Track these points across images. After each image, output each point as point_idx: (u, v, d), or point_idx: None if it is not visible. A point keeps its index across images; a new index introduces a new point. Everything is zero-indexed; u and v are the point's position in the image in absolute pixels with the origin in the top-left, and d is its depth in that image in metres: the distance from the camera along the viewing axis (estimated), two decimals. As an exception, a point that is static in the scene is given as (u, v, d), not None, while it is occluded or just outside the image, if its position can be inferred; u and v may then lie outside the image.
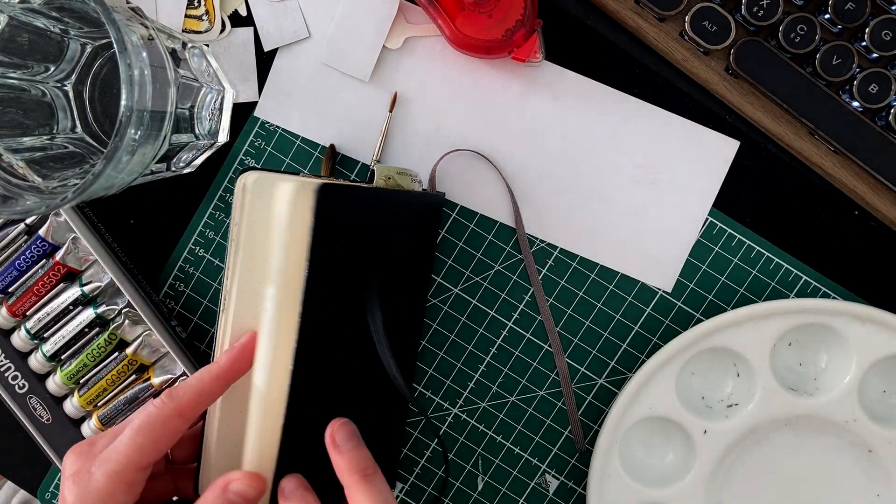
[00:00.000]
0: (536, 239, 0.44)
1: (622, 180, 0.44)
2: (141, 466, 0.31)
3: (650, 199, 0.44)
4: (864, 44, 0.40)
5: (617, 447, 0.42)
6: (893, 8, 0.40)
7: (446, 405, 0.45)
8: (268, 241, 0.34)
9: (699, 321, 0.44)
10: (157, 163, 0.37)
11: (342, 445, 0.33)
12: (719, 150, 0.43)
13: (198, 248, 0.45)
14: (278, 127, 0.44)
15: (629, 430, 0.42)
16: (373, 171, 0.39)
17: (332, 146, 0.43)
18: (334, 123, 0.44)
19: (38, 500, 0.47)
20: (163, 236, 0.45)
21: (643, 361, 0.43)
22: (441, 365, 0.45)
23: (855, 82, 0.40)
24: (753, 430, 0.42)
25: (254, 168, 0.36)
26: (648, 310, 0.44)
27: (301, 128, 0.44)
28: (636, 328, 0.44)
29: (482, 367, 0.45)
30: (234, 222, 0.35)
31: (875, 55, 0.40)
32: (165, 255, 0.45)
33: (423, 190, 0.40)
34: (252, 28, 0.43)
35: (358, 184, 0.37)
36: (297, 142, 0.44)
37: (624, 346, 0.44)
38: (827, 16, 0.40)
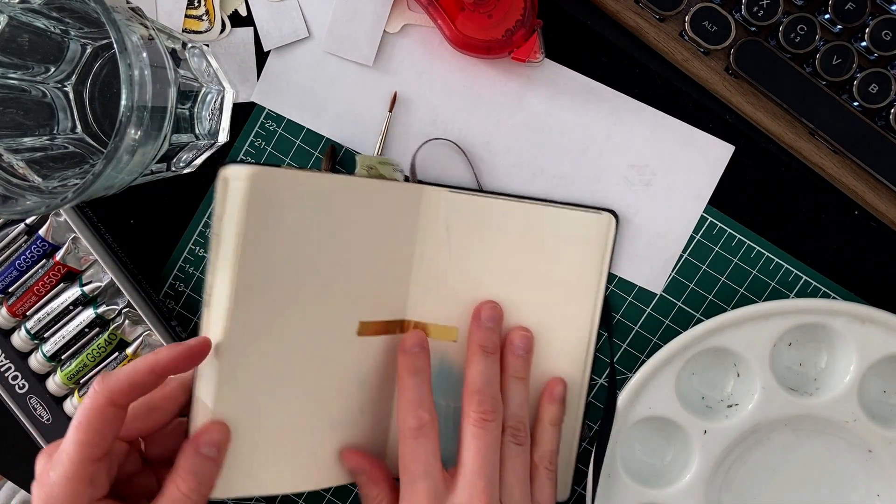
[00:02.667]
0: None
1: (616, 181, 0.44)
2: (93, 459, 0.32)
3: (643, 200, 0.44)
4: (864, 44, 0.40)
5: (617, 447, 0.42)
6: (893, 8, 0.40)
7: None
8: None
9: (699, 321, 0.44)
10: (157, 163, 0.37)
11: (484, 324, 0.41)
12: (714, 154, 0.43)
13: (198, 248, 0.45)
14: (278, 127, 0.44)
15: (629, 430, 0.42)
16: (355, 161, 0.41)
17: (331, 147, 0.43)
18: (334, 116, 0.44)
19: None
20: (163, 236, 0.45)
21: (643, 361, 0.43)
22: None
23: (855, 82, 0.40)
24: (753, 430, 0.42)
25: (242, 162, 0.36)
26: (648, 310, 0.44)
27: (300, 119, 0.44)
28: (636, 328, 0.44)
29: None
30: (216, 216, 0.36)
31: (875, 55, 0.40)
32: (165, 255, 0.45)
33: (406, 179, 0.42)
34: (252, 28, 0.43)
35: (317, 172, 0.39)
36: (298, 141, 0.44)
37: (624, 346, 0.44)
38: (827, 16, 0.40)
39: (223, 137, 0.43)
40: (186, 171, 0.42)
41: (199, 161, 0.42)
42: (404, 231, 0.41)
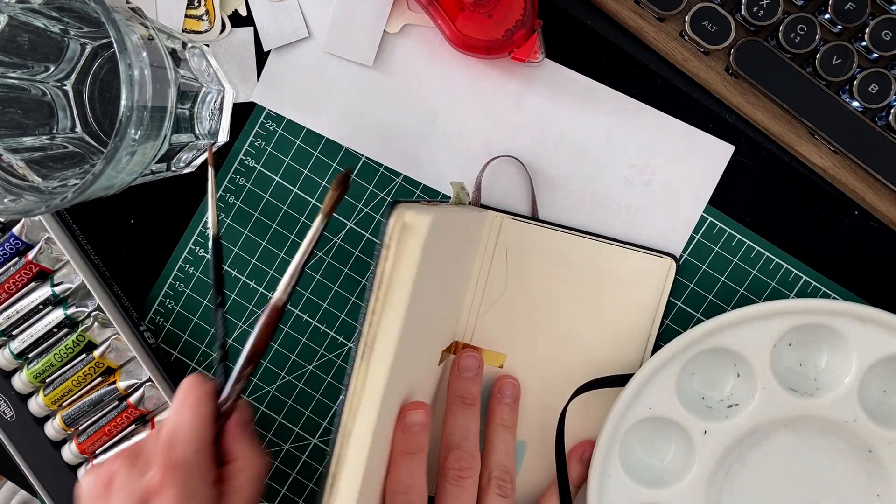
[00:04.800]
0: (536, 239, 0.44)
1: (616, 180, 0.44)
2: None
3: (643, 200, 0.43)
4: (864, 44, 0.40)
5: (617, 447, 0.42)
6: (893, 8, 0.40)
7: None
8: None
9: (699, 321, 0.44)
10: (157, 163, 0.37)
11: (463, 374, 0.41)
12: (714, 155, 0.43)
13: (198, 248, 0.45)
14: (278, 127, 0.44)
15: (629, 430, 0.42)
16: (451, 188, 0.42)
17: (346, 174, 0.38)
18: (334, 116, 0.44)
19: None
20: (163, 236, 0.45)
21: (644, 362, 0.43)
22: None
23: (855, 82, 0.40)
24: (753, 431, 0.42)
25: (404, 202, 0.33)
26: (648, 310, 0.44)
27: (300, 119, 0.44)
28: (636, 328, 0.44)
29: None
30: (383, 258, 0.32)
31: (875, 55, 0.40)
32: (165, 255, 0.45)
33: (469, 203, 0.42)
34: (252, 28, 0.43)
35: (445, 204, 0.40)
36: (298, 141, 0.44)
37: (624, 346, 0.44)
38: (827, 16, 0.40)
39: (223, 137, 0.43)
40: (186, 171, 0.42)
41: (199, 161, 0.42)
42: (468, 254, 0.42)
